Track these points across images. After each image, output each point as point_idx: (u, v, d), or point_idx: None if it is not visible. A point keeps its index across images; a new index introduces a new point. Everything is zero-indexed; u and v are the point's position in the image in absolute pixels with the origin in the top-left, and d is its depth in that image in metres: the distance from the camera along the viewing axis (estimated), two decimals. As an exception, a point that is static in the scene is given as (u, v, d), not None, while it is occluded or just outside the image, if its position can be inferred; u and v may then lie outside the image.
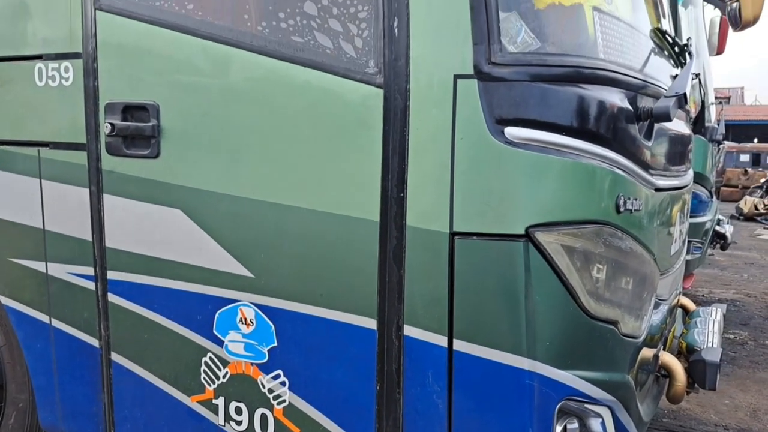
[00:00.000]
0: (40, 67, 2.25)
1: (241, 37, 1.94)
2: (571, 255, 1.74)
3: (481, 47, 1.67)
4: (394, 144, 1.77)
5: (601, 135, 1.78)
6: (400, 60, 1.75)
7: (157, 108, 2.05)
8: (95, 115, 2.15)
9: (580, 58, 1.77)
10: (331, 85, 1.83)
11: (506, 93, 1.69)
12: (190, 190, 2.05)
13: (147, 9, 2.05)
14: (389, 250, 1.79)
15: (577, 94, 1.72)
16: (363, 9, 1.79)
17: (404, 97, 1.75)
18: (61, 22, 2.19)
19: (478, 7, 1.67)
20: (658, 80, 2.20)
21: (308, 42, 1.85)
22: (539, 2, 1.74)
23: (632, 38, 2.08)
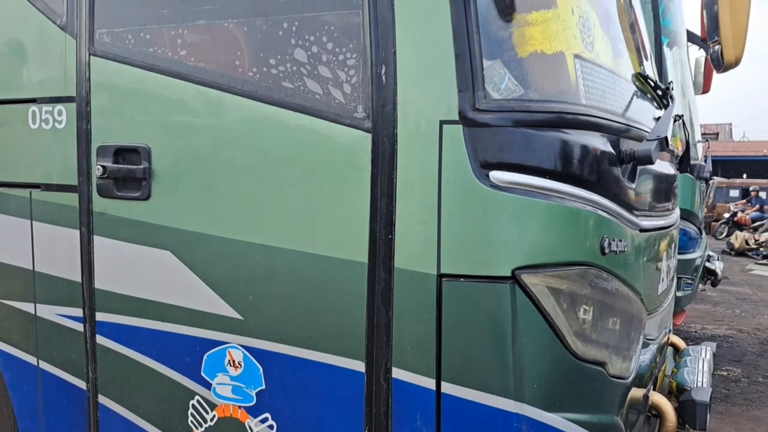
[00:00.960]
0: (34, 110, 2.29)
1: (232, 82, 1.98)
2: (557, 297, 1.76)
3: (465, 94, 1.72)
4: (382, 187, 1.80)
5: (585, 178, 1.81)
6: (388, 105, 1.79)
7: (149, 151, 2.08)
8: (87, 157, 2.18)
9: (562, 104, 1.81)
10: (320, 129, 1.87)
11: (491, 138, 1.73)
12: (180, 232, 2.06)
13: (141, 55, 2.09)
14: (378, 292, 1.81)
15: (560, 139, 1.76)
16: (352, 56, 1.84)
17: (392, 142, 1.79)
18: (56, 67, 2.23)
19: (462, 55, 1.72)
20: (641, 123, 2.26)
21: (298, 87, 1.90)
22: (522, 50, 1.80)
23: (614, 83, 2.14)
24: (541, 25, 1.82)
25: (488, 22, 1.77)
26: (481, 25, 1.73)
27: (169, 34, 2.07)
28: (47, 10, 2.25)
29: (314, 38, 1.88)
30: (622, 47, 2.42)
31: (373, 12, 1.79)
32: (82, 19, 2.17)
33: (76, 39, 2.19)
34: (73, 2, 2.19)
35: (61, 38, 2.21)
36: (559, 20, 1.86)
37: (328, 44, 1.87)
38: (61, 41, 2.21)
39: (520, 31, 1.81)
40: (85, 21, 2.16)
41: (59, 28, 2.22)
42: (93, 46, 2.16)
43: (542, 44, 1.82)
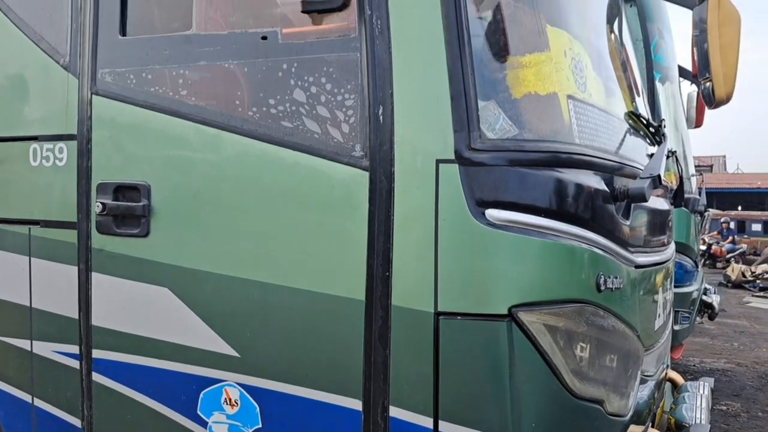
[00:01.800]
0: (35, 148, 2.32)
1: (232, 121, 2.01)
2: (554, 334, 1.77)
3: (461, 134, 1.75)
4: (379, 224, 1.82)
5: (580, 216, 1.84)
6: (385, 144, 1.82)
7: (148, 188, 2.10)
8: (87, 194, 2.20)
9: (556, 143, 1.85)
10: (318, 167, 1.90)
11: (486, 177, 1.75)
12: (178, 269, 2.07)
13: (142, 94, 2.13)
14: (375, 330, 1.81)
15: (554, 177, 1.79)
16: (350, 97, 1.87)
17: (389, 180, 1.81)
18: (58, 105, 2.27)
19: (458, 96, 1.75)
20: (634, 160, 2.29)
21: (297, 126, 1.93)
22: (516, 92, 1.84)
23: (607, 122, 2.18)
24: (534, 67, 1.86)
25: (483, 65, 1.81)
26: (476, 67, 1.78)
27: (171, 74, 2.10)
28: (51, 50, 2.29)
29: (313, 79, 1.92)
30: (614, 86, 2.47)
31: (371, 54, 1.83)
32: (85, 59, 2.21)
33: (78, 78, 2.23)
34: (76, 43, 2.23)
35: (63, 77, 2.25)
36: (552, 62, 1.91)
37: (327, 85, 1.90)
38: (63, 80, 2.25)
39: (514, 73, 1.85)
40: (88, 61, 2.20)
41: (62, 67, 2.26)
42: (95, 85, 2.20)
43: (536, 85, 1.86)
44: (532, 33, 1.92)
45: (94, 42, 2.20)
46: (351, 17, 1.88)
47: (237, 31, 2.06)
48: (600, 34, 2.55)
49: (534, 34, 1.92)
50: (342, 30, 1.91)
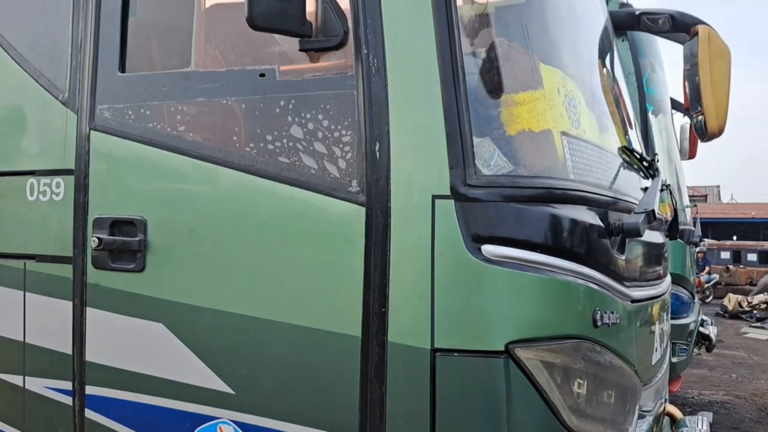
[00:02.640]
0: (32, 182, 2.32)
1: (229, 157, 2.02)
2: (551, 371, 1.76)
3: (457, 170, 1.76)
4: (375, 259, 1.82)
5: (575, 252, 1.84)
6: (382, 180, 1.83)
7: (145, 223, 2.10)
8: (83, 229, 2.20)
9: (551, 179, 1.86)
10: (315, 203, 1.91)
11: (482, 213, 1.76)
12: (174, 304, 2.06)
13: (140, 129, 2.14)
14: (371, 367, 1.80)
15: (549, 213, 1.80)
16: (347, 133, 1.89)
17: (385, 215, 1.82)
18: (57, 140, 2.28)
19: (453, 133, 1.77)
20: (628, 195, 2.31)
21: (294, 162, 1.94)
22: (510, 129, 1.86)
23: (601, 157, 2.20)
24: (528, 104, 1.89)
25: (478, 102, 1.84)
26: (471, 104, 1.80)
27: (169, 109, 2.12)
28: (50, 86, 2.31)
29: (310, 115, 1.94)
30: (607, 121, 2.50)
31: (368, 91, 1.86)
32: (84, 94, 2.24)
33: (77, 114, 2.24)
34: (76, 79, 2.25)
35: (62, 113, 2.27)
36: (546, 100, 1.94)
37: (324, 121, 1.92)
38: (62, 116, 2.27)
39: (508, 110, 1.88)
40: (86, 97, 2.23)
41: (61, 103, 2.28)
42: (93, 120, 2.21)
43: (530, 122, 1.88)
44: (526, 71, 1.95)
45: (93, 78, 2.22)
46: (348, 56, 1.91)
47: (235, 68, 2.09)
48: (593, 70, 2.60)
49: (527, 72, 1.95)
50: (339, 68, 1.94)
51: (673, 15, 3.98)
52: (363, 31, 1.87)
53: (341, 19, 1.91)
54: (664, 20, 4.06)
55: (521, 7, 2.26)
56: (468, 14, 1.99)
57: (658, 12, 4.14)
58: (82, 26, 2.26)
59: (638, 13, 4.20)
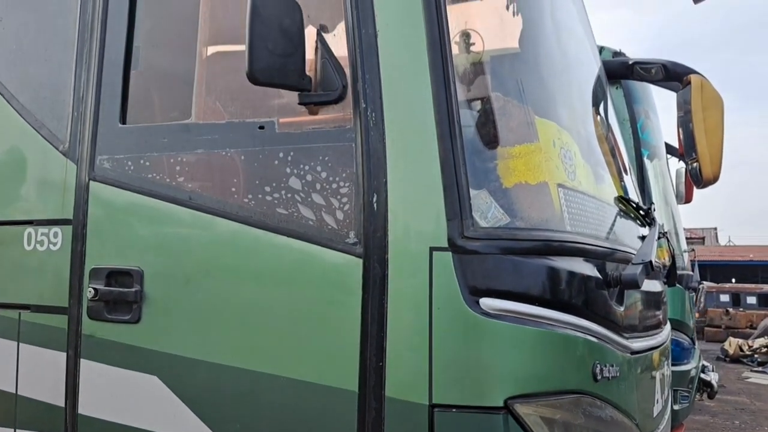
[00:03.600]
0: (30, 232, 2.32)
1: (228, 208, 2.03)
2: (551, 427, 1.73)
3: (454, 222, 1.77)
4: (373, 312, 1.81)
5: (573, 304, 1.84)
6: (379, 232, 1.83)
7: (141, 274, 2.09)
8: (80, 279, 2.19)
9: (548, 231, 1.87)
10: (312, 255, 1.91)
11: (480, 265, 1.76)
12: (169, 357, 2.04)
13: (139, 180, 2.16)
14: (368, 422, 1.77)
15: (547, 266, 1.80)
16: (345, 185, 1.91)
17: (383, 267, 1.82)
18: (56, 190, 2.29)
19: (450, 186, 1.79)
20: (626, 244, 2.31)
21: (292, 213, 1.95)
22: (507, 181, 1.87)
23: (597, 208, 2.21)
24: (524, 157, 1.91)
25: (474, 155, 1.86)
26: (467, 157, 1.82)
27: (168, 161, 2.14)
28: (51, 136, 2.34)
29: (309, 167, 1.95)
30: (603, 171, 2.52)
31: (366, 144, 1.88)
32: (84, 145, 2.25)
33: (77, 164, 2.26)
34: (77, 130, 2.28)
35: (62, 163, 2.29)
36: (541, 152, 1.96)
37: (322, 173, 1.94)
38: (62, 166, 2.29)
39: (504, 163, 1.90)
40: (87, 147, 2.25)
41: (61, 153, 2.30)
42: (93, 171, 2.23)
43: (526, 175, 1.90)
44: (521, 124, 1.98)
45: (94, 129, 2.25)
46: (347, 109, 1.94)
47: (235, 121, 2.12)
48: (587, 120, 2.63)
49: (523, 125, 1.98)
50: (338, 121, 1.97)
51: (666, 65, 4.07)
52: (361, 86, 1.90)
53: (340, 74, 1.94)
54: (657, 70, 4.14)
55: (516, 59, 2.31)
56: (464, 68, 2.03)
57: (651, 62, 4.22)
58: (84, 78, 2.30)
59: (631, 62, 4.29)
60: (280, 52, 1.84)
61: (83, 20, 2.34)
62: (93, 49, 2.29)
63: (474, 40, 2.16)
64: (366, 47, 1.91)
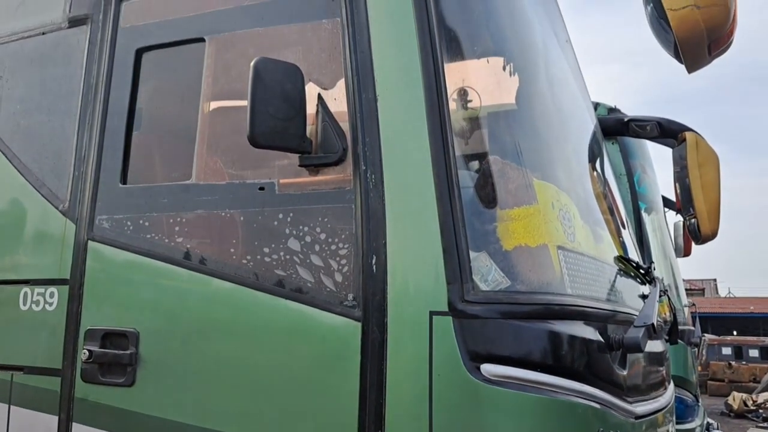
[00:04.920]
0: (26, 292, 2.30)
1: (226, 269, 2.02)
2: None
3: (454, 286, 1.76)
4: (371, 378, 1.78)
5: (576, 370, 1.81)
6: (378, 295, 1.82)
7: (137, 335, 2.07)
8: (74, 340, 2.16)
9: (549, 295, 1.85)
10: (310, 317, 1.89)
11: (481, 330, 1.74)
12: (162, 421, 1.99)
13: (138, 240, 2.15)
14: (366, 494, 1.72)
15: (548, 330, 1.78)
16: (344, 246, 1.90)
17: (382, 331, 1.80)
18: (54, 250, 2.28)
19: (450, 248, 1.78)
20: (627, 305, 2.29)
21: (290, 275, 1.93)
22: (506, 244, 1.87)
23: (597, 269, 2.20)
24: (523, 220, 1.91)
25: (473, 217, 1.86)
26: (467, 220, 1.82)
27: (168, 221, 2.14)
28: (51, 196, 2.35)
29: (308, 228, 1.95)
30: (602, 231, 2.52)
31: (365, 206, 1.88)
32: (84, 205, 2.26)
33: (76, 224, 2.26)
34: (77, 190, 2.29)
35: (61, 223, 2.29)
36: (540, 215, 1.96)
37: (321, 234, 1.94)
38: (61, 225, 2.29)
39: (504, 225, 1.90)
40: (87, 207, 2.25)
41: (61, 213, 2.30)
42: (92, 231, 2.23)
43: (526, 238, 1.90)
44: (520, 187, 1.99)
45: (94, 189, 2.26)
46: (347, 171, 1.95)
47: (235, 182, 2.13)
48: (585, 179, 2.65)
49: (522, 187, 1.99)
50: (337, 182, 1.98)
51: (660, 122, 4.12)
52: (361, 148, 1.92)
53: (340, 137, 1.96)
54: (652, 127, 4.20)
55: (514, 120, 2.33)
56: (462, 131, 2.06)
57: (646, 119, 4.28)
58: (87, 138, 2.32)
59: (626, 119, 4.35)
60: (281, 116, 1.87)
61: (87, 82, 2.38)
62: (96, 110, 2.33)
63: (472, 98, 2.19)
64: (366, 111, 1.94)
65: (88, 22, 2.44)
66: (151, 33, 2.34)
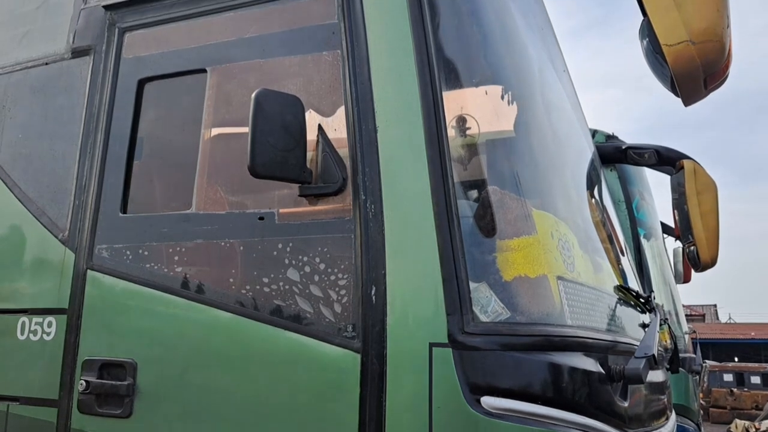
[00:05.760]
0: (24, 321, 2.29)
1: (225, 299, 2.02)
2: None
3: (454, 317, 1.75)
4: (371, 410, 1.76)
5: (577, 402, 1.79)
6: (377, 326, 1.81)
7: (135, 366, 2.05)
8: (72, 371, 2.14)
9: (548, 326, 1.85)
10: (310, 348, 1.87)
11: (481, 362, 1.73)
12: (160, 454, 1.97)
13: (137, 270, 2.15)
14: None
15: (549, 362, 1.77)
16: (343, 277, 1.90)
17: (381, 363, 1.78)
18: (53, 279, 2.28)
19: (450, 279, 1.78)
20: (628, 335, 2.28)
21: (290, 305, 1.93)
22: (506, 274, 1.87)
23: (597, 299, 2.20)
24: (523, 250, 1.91)
25: (473, 248, 1.86)
26: (467, 250, 1.82)
27: (167, 251, 2.14)
28: (51, 225, 2.35)
29: (307, 258, 1.95)
30: (601, 259, 2.52)
31: (365, 236, 1.88)
32: (84, 234, 2.26)
33: (75, 253, 2.26)
34: (77, 219, 2.29)
35: (61, 252, 2.28)
36: (540, 245, 1.96)
37: (321, 264, 1.94)
38: (60, 254, 2.28)
39: (503, 256, 1.90)
40: (86, 236, 2.25)
41: (60, 242, 2.30)
42: (91, 260, 2.22)
43: (525, 268, 1.89)
44: (519, 217, 2.00)
45: (94, 218, 2.26)
46: (346, 201, 1.96)
47: (235, 211, 2.13)
48: (584, 208, 2.65)
49: (521, 218, 1.99)
50: (337, 212, 1.98)
51: (659, 150, 4.15)
52: (361, 178, 1.93)
53: (340, 167, 1.97)
54: (650, 155, 4.22)
55: (512, 151, 2.34)
56: (461, 162, 2.07)
57: (644, 147, 4.31)
58: (87, 167, 2.33)
59: (624, 147, 4.38)
60: (282, 147, 1.88)
61: (89, 111, 2.40)
62: (98, 139, 2.34)
63: (470, 128, 2.20)
64: (366, 141, 1.95)
65: (91, 53, 2.47)
66: (153, 63, 2.37)
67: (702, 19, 1.82)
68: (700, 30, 1.82)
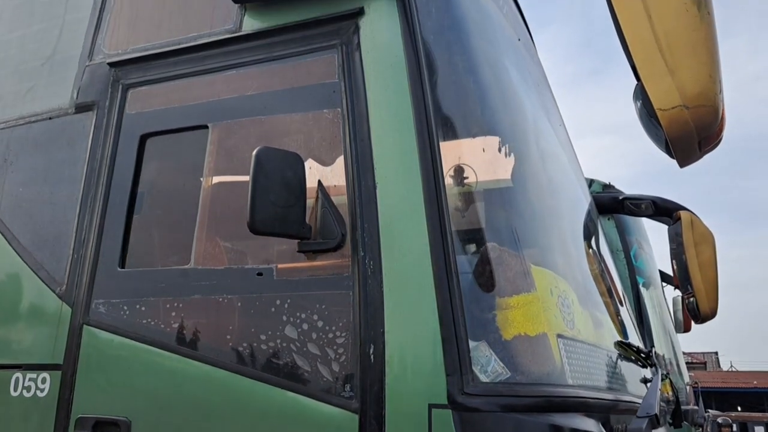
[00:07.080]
0: (18, 377, 2.26)
1: (222, 356, 1.99)
2: None
3: (454, 378, 1.73)
4: (369, 474, 1.72)
5: (579, 466, 1.75)
6: (376, 386, 1.79)
7: (129, 425, 2.02)
8: (65, 429, 2.10)
9: (549, 386, 1.82)
10: (307, 408, 1.85)
11: (481, 424, 1.70)
12: None
13: (134, 326, 2.13)
14: None
15: (550, 424, 1.74)
16: (341, 335, 1.88)
17: (380, 424, 1.75)
18: (48, 334, 2.25)
19: (449, 338, 1.76)
20: (629, 392, 2.25)
21: (287, 364, 1.91)
22: (506, 333, 1.85)
23: (598, 357, 2.17)
24: (522, 308, 1.90)
25: (472, 306, 1.85)
26: (466, 308, 1.81)
27: (165, 306, 2.13)
28: (48, 278, 2.34)
29: (305, 315, 1.94)
30: (602, 315, 2.50)
31: (363, 293, 1.88)
32: (81, 289, 2.25)
33: (72, 307, 2.24)
34: (75, 273, 2.28)
35: (57, 306, 2.27)
36: (539, 302, 1.96)
37: (319, 322, 1.92)
38: (57, 309, 2.27)
39: (503, 314, 1.88)
40: (84, 291, 2.24)
41: (57, 296, 2.29)
42: (88, 315, 2.21)
43: (525, 326, 1.88)
44: (518, 274, 1.99)
45: (92, 273, 2.25)
46: (345, 257, 1.96)
47: (234, 267, 2.13)
48: (582, 262, 2.65)
49: (520, 275, 1.99)
50: (336, 268, 1.98)
51: (655, 201, 4.17)
52: (360, 234, 1.93)
53: (339, 223, 1.98)
54: (647, 205, 4.24)
55: (511, 207, 2.35)
56: (460, 219, 2.08)
57: (641, 197, 4.34)
58: (87, 221, 2.34)
59: (621, 198, 4.40)
60: (282, 204, 1.89)
61: (91, 166, 2.42)
62: (98, 193, 2.35)
63: (469, 183, 2.22)
64: (365, 198, 1.96)
65: (94, 108, 2.51)
66: (155, 119, 2.40)
67: (695, 85, 1.86)
68: (694, 95, 1.87)
